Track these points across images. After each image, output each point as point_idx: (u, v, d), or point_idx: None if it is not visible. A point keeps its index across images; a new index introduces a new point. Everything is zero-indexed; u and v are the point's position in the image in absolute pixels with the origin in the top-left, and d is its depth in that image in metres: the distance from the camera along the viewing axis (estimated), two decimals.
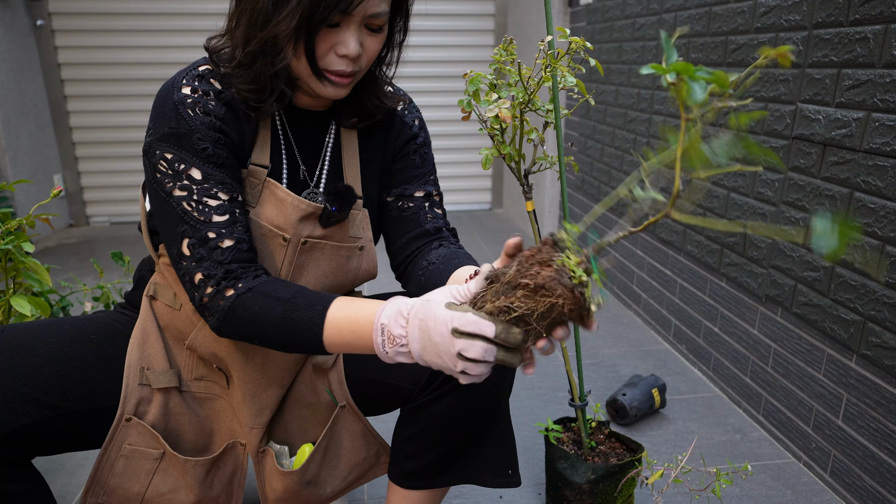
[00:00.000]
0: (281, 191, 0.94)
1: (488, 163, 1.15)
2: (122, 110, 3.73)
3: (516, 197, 3.88)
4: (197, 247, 0.86)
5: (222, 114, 0.89)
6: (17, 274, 1.31)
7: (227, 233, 0.87)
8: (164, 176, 0.87)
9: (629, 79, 2.47)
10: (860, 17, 1.37)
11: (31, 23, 3.47)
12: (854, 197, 1.40)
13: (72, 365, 0.91)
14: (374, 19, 0.86)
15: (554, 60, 1.09)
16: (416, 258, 1.05)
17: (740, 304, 1.84)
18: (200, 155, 0.87)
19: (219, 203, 0.87)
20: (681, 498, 1.46)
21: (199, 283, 0.86)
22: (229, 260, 0.86)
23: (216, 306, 0.85)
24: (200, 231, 0.86)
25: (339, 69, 0.87)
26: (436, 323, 0.70)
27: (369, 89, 0.99)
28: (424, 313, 0.72)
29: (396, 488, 1.06)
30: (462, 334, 0.68)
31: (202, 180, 0.87)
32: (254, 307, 0.83)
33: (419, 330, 0.72)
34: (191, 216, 0.86)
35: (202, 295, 0.86)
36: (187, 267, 0.87)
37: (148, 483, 0.97)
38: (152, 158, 0.87)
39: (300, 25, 0.81)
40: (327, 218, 0.98)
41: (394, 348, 0.75)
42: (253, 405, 1.00)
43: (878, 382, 1.36)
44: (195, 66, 0.91)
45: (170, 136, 0.86)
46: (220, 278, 0.85)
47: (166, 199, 0.87)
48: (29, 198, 3.35)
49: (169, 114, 0.87)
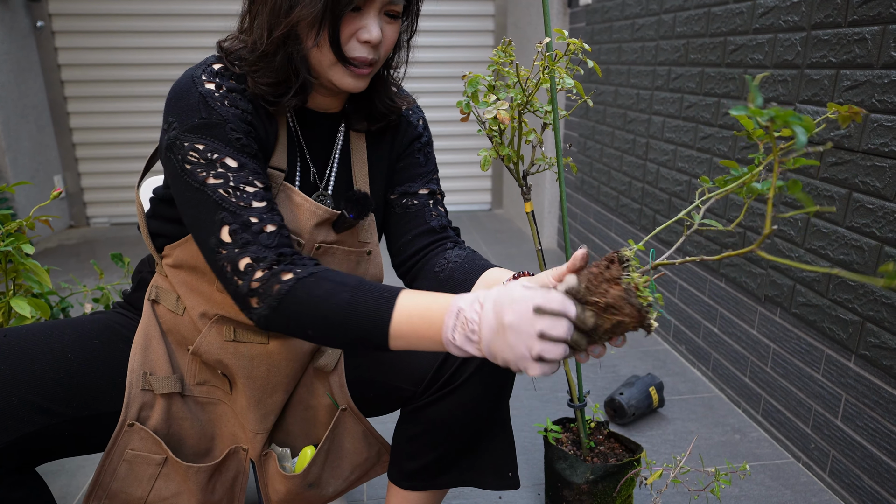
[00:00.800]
0: (297, 195, 0.94)
1: (487, 164, 1.15)
2: (123, 111, 3.73)
3: (516, 197, 3.88)
4: (240, 232, 0.82)
5: (250, 109, 0.88)
6: (17, 275, 1.32)
7: (269, 218, 0.84)
8: (195, 166, 0.84)
9: (628, 79, 2.47)
10: (858, 17, 1.37)
11: (31, 24, 3.48)
12: (852, 198, 1.40)
13: (75, 371, 0.90)
14: (393, 6, 0.87)
15: (552, 62, 1.09)
16: (429, 256, 1.05)
17: (739, 304, 1.84)
18: (234, 144, 0.85)
19: (256, 190, 0.85)
20: (680, 498, 1.46)
21: (247, 269, 0.81)
22: (276, 244, 0.83)
23: (270, 291, 0.80)
24: (241, 216, 0.83)
25: (360, 56, 0.87)
26: (512, 302, 0.67)
27: (380, 91, 0.99)
28: (499, 295, 0.69)
29: (396, 489, 1.06)
30: (545, 313, 0.66)
31: (238, 168, 0.85)
32: (317, 291, 0.79)
33: (493, 313, 0.68)
34: (229, 202, 0.83)
35: (251, 280, 0.81)
36: (229, 254, 0.82)
37: (150, 488, 0.97)
38: (179, 152, 0.85)
39: (325, 10, 0.82)
40: (341, 224, 0.98)
41: (463, 334, 0.71)
42: (258, 411, 0.99)
43: (877, 382, 1.36)
44: (209, 64, 0.89)
45: (200, 127, 0.84)
46: (272, 261, 0.81)
47: (199, 188, 0.84)
48: (29, 199, 3.35)
49: (196, 105, 0.85)
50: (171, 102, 0.87)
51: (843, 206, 1.43)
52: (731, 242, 1.84)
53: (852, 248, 1.41)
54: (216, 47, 0.92)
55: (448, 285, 0.99)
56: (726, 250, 1.87)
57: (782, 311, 1.66)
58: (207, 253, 0.85)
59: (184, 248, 0.95)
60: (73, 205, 3.83)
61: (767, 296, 1.71)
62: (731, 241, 1.84)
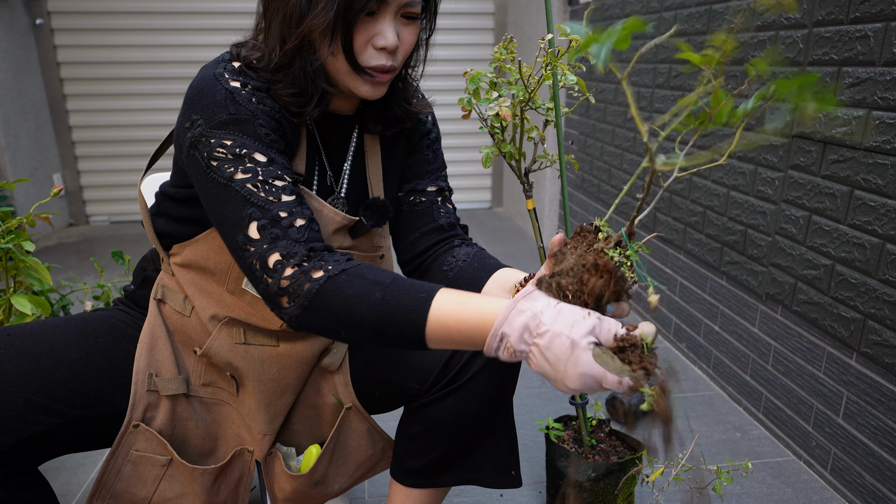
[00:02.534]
0: (316, 201, 0.93)
1: (489, 161, 1.15)
2: (122, 109, 3.72)
3: (516, 195, 3.88)
4: (269, 227, 0.79)
5: (277, 107, 0.86)
6: (18, 273, 1.31)
7: (299, 212, 0.82)
8: (222, 162, 0.81)
9: (629, 77, 2.47)
10: (860, 15, 1.36)
11: (30, 22, 3.47)
12: (854, 195, 1.40)
13: (79, 370, 0.90)
14: (409, 7, 0.84)
15: (554, 59, 1.09)
16: (437, 254, 1.04)
17: (740, 302, 1.84)
18: (264, 140, 0.83)
19: (285, 184, 0.82)
20: (681, 495, 1.46)
21: (276, 266, 0.78)
22: (307, 238, 0.80)
23: (300, 290, 0.77)
24: (271, 211, 0.80)
25: (378, 64, 0.84)
26: (579, 377, 0.65)
27: (397, 94, 0.97)
28: (563, 355, 0.65)
29: (398, 486, 1.06)
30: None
31: (267, 163, 0.82)
32: (349, 290, 0.76)
33: (548, 364, 0.66)
34: (258, 197, 0.80)
35: (280, 277, 0.78)
36: (258, 251, 0.79)
37: (155, 489, 0.96)
38: (205, 148, 0.82)
39: (337, 17, 0.79)
40: (358, 230, 0.97)
41: (508, 355, 0.69)
42: (267, 413, 0.99)
43: (879, 380, 1.36)
44: (227, 61, 0.86)
45: (228, 123, 0.82)
46: (302, 257, 0.78)
47: (226, 184, 0.81)
48: (29, 197, 3.35)
49: (223, 101, 0.82)
50: (194, 100, 0.84)
51: (844, 204, 1.43)
52: (731, 240, 1.84)
53: (854, 246, 1.40)
54: (231, 51, 0.89)
55: (457, 284, 0.98)
56: (726, 248, 1.87)
57: (783, 309, 1.66)
58: (235, 251, 0.82)
59: (193, 248, 0.94)
60: (72, 203, 3.82)
61: (769, 293, 1.70)
62: (732, 238, 1.84)
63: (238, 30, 0.93)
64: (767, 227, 1.69)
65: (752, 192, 1.75)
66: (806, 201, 1.55)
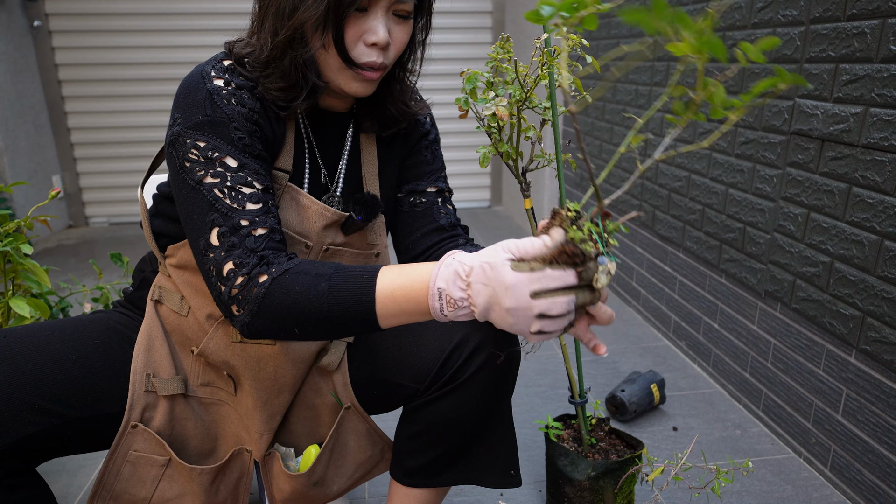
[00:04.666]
0: (304, 198, 0.93)
1: (486, 161, 1.15)
2: (120, 111, 3.72)
3: (515, 194, 3.88)
4: (228, 235, 0.81)
5: (257, 108, 0.86)
6: (16, 276, 1.31)
7: (261, 221, 0.83)
8: (194, 164, 0.83)
9: (626, 75, 2.47)
10: (858, 11, 1.36)
11: (28, 24, 3.47)
12: (852, 192, 1.40)
13: (76, 371, 0.90)
14: (400, 4, 0.84)
15: (550, 58, 1.09)
16: (439, 252, 1.04)
17: (740, 299, 1.84)
18: (237, 144, 0.84)
19: (253, 191, 0.83)
20: (681, 494, 1.46)
21: (229, 274, 0.80)
22: (262, 247, 0.81)
23: (249, 296, 0.79)
24: (232, 219, 0.81)
25: (368, 60, 0.85)
26: (506, 290, 0.68)
27: (394, 94, 0.97)
28: (488, 278, 0.69)
29: (398, 486, 1.06)
30: (544, 293, 0.67)
31: (237, 168, 0.83)
32: (294, 287, 0.78)
33: (484, 296, 0.70)
34: (223, 203, 0.82)
35: (231, 286, 0.80)
36: (215, 258, 0.81)
37: (154, 489, 0.97)
38: (181, 148, 0.83)
39: (328, 10, 0.80)
40: (350, 226, 0.97)
41: (454, 311, 0.73)
42: (265, 412, 0.99)
43: (878, 377, 1.36)
44: (219, 60, 0.88)
45: (204, 125, 0.83)
46: (252, 266, 0.80)
47: (195, 187, 0.82)
48: (27, 199, 3.35)
49: (203, 102, 0.83)
50: (178, 98, 0.85)
51: (843, 201, 1.43)
52: (730, 238, 1.84)
53: (852, 243, 1.40)
54: (224, 48, 0.90)
55: None
56: (725, 246, 1.87)
57: (783, 307, 1.66)
58: (196, 254, 0.84)
59: (187, 249, 0.95)
60: (71, 205, 3.82)
61: (768, 291, 1.70)
62: (731, 236, 1.84)
63: (237, 30, 0.94)
64: (766, 225, 1.69)
65: (750, 190, 1.75)
66: (804, 198, 1.55)
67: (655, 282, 2.35)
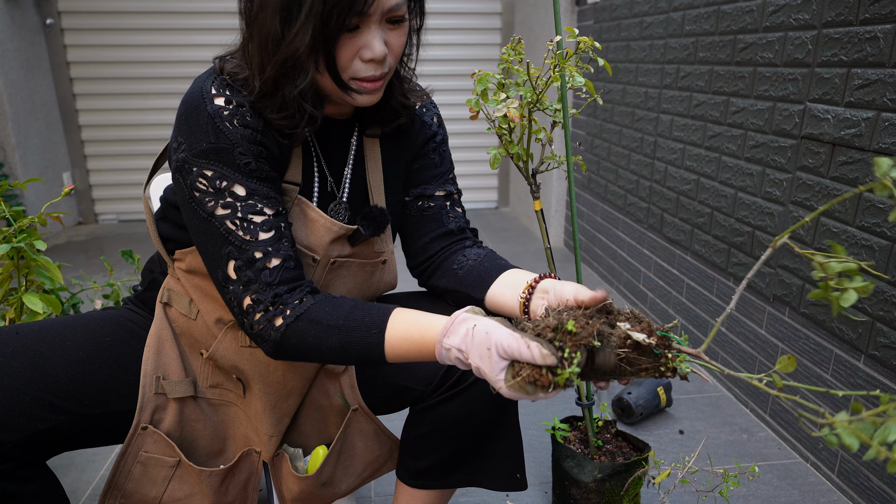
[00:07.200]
0: (313, 211, 0.93)
1: (496, 162, 1.15)
2: (131, 108, 3.74)
3: (522, 195, 3.88)
4: (244, 269, 0.83)
5: (260, 126, 0.84)
6: (29, 272, 1.33)
7: (274, 251, 0.84)
8: (203, 195, 0.83)
9: (636, 77, 2.46)
10: (870, 16, 1.36)
11: (40, 21, 3.49)
12: (863, 197, 1.40)
13: (87, 369, 0.91)
14: (393, 12, 0.80)
15: (562, 60, 1.09)
16: (448, 254, 1.04)
17: (748, 303, 1.83)
18: (243, 170, 0.83)
19: (264, 219, 0.84)
20: (687, 497, 1.46)
21: (248, 309, 0.84)
22: (277, 281, 0.83)
23: (268, 336, 0.84)
24: (247, 252, 0.83)
25: (367, 75, 0.82)
26: (493, 383, 0.72)
27: (393, 90, 0.95)
28: (483, 373, 0.73)
29: (404, 487, 1.07)
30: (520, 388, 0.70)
31: (246, 196, 0.83)
32: (307, 338, 0.83)
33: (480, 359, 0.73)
34: (236, 236, 0.83)
35: (252, 322, 0.84)
36: (234, 291, 0.84)
37: (164, 489, 0.98)
38: (188, 176, 0.83)
39: (316, 38, 0.76)
40: (357, 238, 0.97)
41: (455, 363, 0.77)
42: (273, 415, 1.00)
43: (887, 383, 1.36)
44: (218, 74, 0.85)
45: (209, 152, 0.81)
46: (268, 303, 0.83)
47: (207, 219, 0.83)
48: (39, 196, 3.37)
49: (205, 127, 0.81)
50: (180, 120, 0.84)
51: (853, 206, 1.42)
52: (739, 242, 1.84)
53: (863, 248, 1.40)
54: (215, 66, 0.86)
55: (466, 282, 0.99)
56: (734, 249, 1.87)
57: (791, 311, 1.65)
58: (217, 284, 0.87)
59: (196, 255, 0.94)
60: (81, 201, 3.85)
61: (776, 295, 1.70)
62: (740, 240, 1.83)
63: None
64: (775, 229, 1.69)
65: (760, 194, 1.75)
66: (814, 203, 1.54)
67: (663, 285, 2.34)
